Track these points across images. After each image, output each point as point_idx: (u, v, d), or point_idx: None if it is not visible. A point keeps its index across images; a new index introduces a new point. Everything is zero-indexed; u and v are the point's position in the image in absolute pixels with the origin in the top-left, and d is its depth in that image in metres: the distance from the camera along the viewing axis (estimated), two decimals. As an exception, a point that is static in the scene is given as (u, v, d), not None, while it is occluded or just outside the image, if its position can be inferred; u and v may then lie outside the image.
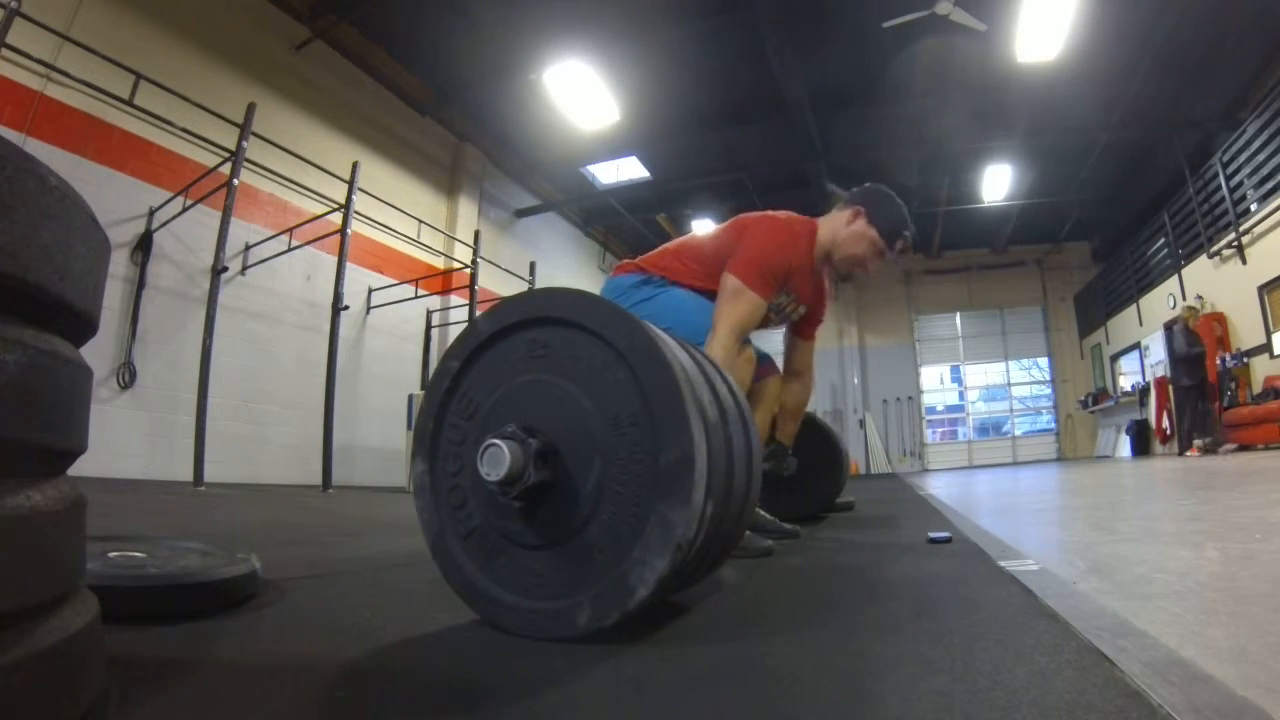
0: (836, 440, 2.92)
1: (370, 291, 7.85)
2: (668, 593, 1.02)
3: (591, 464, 0.96)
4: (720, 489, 1.00)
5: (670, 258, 2.21)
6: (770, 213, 2.19)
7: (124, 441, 5.17)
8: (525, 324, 1.05)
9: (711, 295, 2.08)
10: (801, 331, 2.44)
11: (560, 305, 1.02)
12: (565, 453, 0.98)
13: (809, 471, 2.66)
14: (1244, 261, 8.26)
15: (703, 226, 11.99)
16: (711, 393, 1.06)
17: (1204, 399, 7.79)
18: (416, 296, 8.16)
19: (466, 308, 8.41)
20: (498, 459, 0.93)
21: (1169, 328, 8.56)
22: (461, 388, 1.10)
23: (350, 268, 6.18)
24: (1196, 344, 7.84)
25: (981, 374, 15.63)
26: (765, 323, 2.25)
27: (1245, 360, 8.23)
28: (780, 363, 2.47)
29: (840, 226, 2.17)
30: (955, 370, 15.75)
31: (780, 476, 2.42)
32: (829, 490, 2.89)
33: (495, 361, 1.07)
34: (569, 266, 12.14)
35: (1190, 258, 9.63)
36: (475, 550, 1.05)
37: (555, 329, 1.03)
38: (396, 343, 8.23)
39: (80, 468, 0.56)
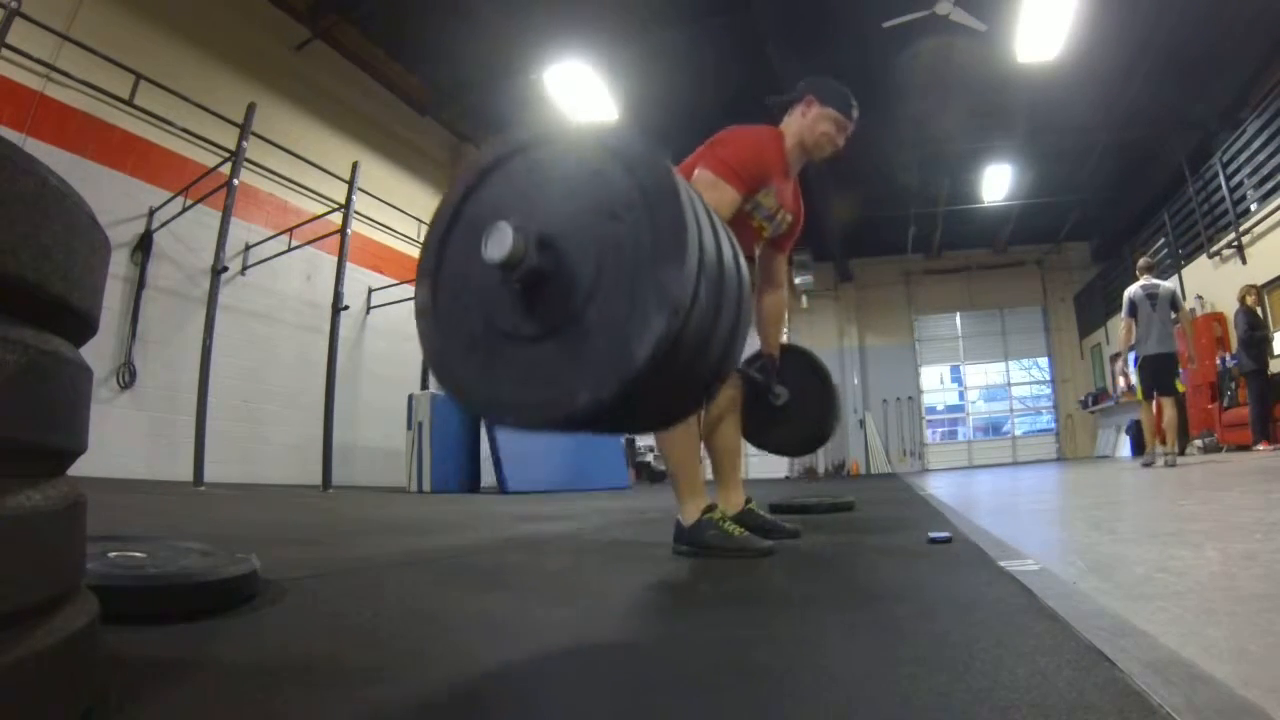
0: (825, 370, 2.93)
1: (370, 291, 7.86)
2: (667, 377, 1.04)
3: (589, 251, 1.01)
4: (712, 275, 1.04)
5: None
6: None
7: (124, 441, 5.17)
8: (524, 148, 1.12)
9: None
10: (779, 245, 2.49)
11: (558, 129, 1.11)
12: (564, 243, 1.02)
13: (801, 401, 2.67)
14: (1244, 261, 8.26)
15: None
16: (702, 206, 1.12)
17: (1269, 389, 7.12)
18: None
19: (466, 308, 8.41)
20: (501, 239, 0.97)
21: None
22: (464, 215, 1.16)
23: (350, 268, 6.19)
24: (1259, 326, 7.33)
25: (981, 374, 15.63)
26: (760, 235, 2.27)
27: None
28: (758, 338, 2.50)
29: (800, 119, 2.29)
30: (955, 370, 15.75)
31: (772, 405, 2.46)
32: (822, 418, 2.88)
33: (497, 186, 1.13)
34: (569, 266, 12.12)
35: (1190, 258, 9.63)
36: (476, 359, 1.08)
37: (554, 148, 1.10)
38: (396, 343, 8.23)
39: (80, 468, 0.57)
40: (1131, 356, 6.28)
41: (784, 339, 2.62)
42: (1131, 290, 6.24)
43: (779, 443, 2.69)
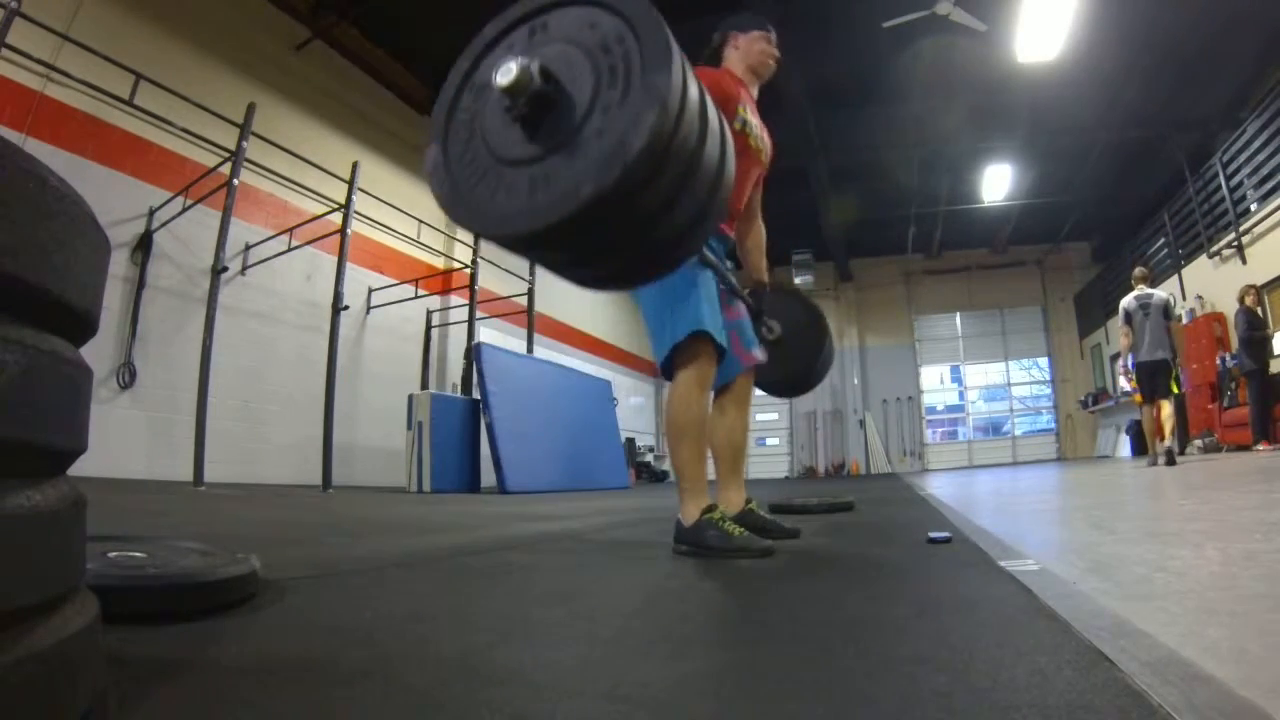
0: (818, 309, 2.98)
1: (370, 291, 7.85)
2: (661, 186, 1.11)
3: (586, 79, 1.10)
4: (694, 105, 1.13)
5: None
6: None
7: (124, 441, 5.17)
8: (526, 18, 1.21)
9: None
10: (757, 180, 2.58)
11: None
12: (564, 75, 1.12)
13: (795, 338, 2.71)
14: (1244, 261, 8.26)
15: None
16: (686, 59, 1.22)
17: (1269, 389, 7.11)
18: (416, 296, 8.16)
19: (466, 307, 8.42)
20: (508, 68, 1.07)
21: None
22: (471, 82, 1.26)
23: (350, 268, 6.19)
24: (1259, 326, 7.33)
25: (981, 374, 15.64)
26: (759, 159, 2.34)
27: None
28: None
29: (735, 53, 2.46)
30: (955, 370, 15.76)
31: (766, 340, 2.52)
32: (815, 354, 2.91)
33: (502, 54, 1.21)
34: (569, 266, 12.11)
35: (1190, 258, 9.63)
36: (486, 187, 1.16)
37: (551, 13, 1.19)
38: (396, 343, 8.23)
39: (80, 468, 0.56)
40: (1130, 361, 6.66)
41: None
42: (1125, 300, 6.75)
43: (773, 380, 2.73)
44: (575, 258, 1.31)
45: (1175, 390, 6.63)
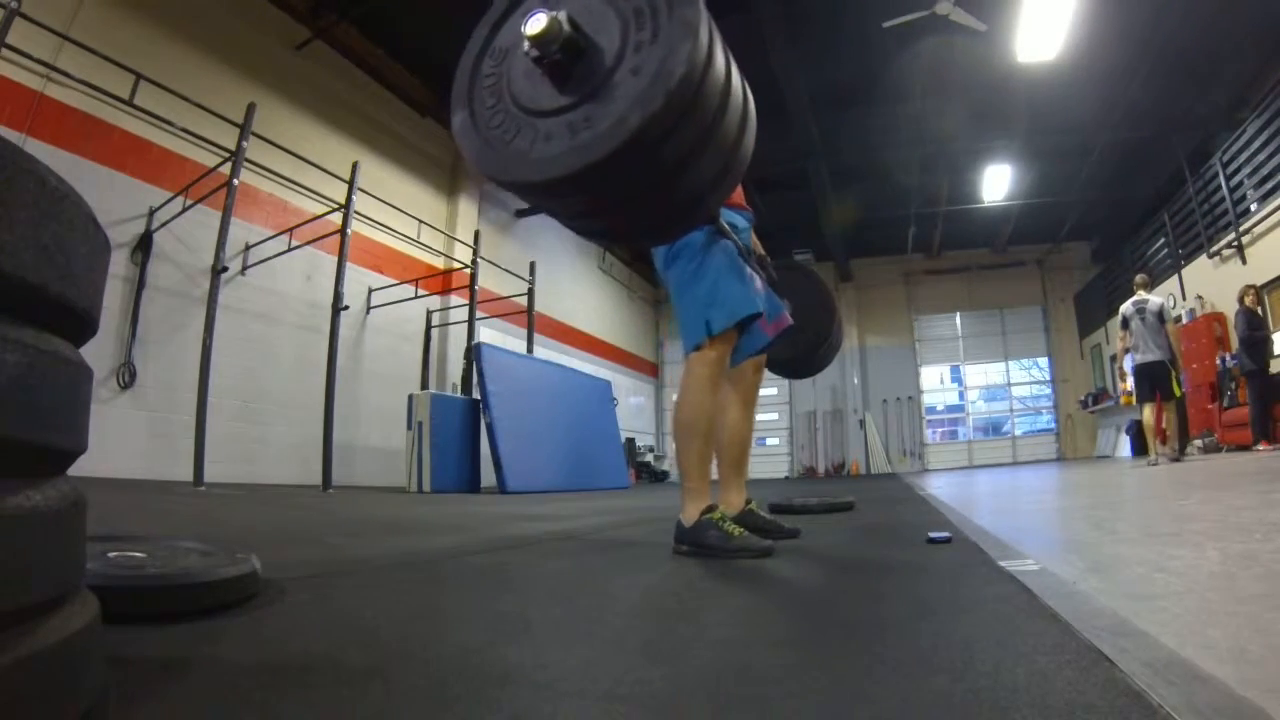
0: (828, 289, 3.01)
1: (370, 291, 7.85)
2: (697, 122, 1.13)
3: (613, 26, 1.14)
4: (721, 55, 1.16)
5: None
6: None
7: (124, 441, 5.17)
8: None
9: None
10: None
11: None
12: (590, 25, 1.15)
13: (803, 315, 2.72)
14: (1244, 261, 8.26)
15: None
16: None
17: (1269, 389, 7.13)
18: (416, 296, 8.16)
19: (466, 308, 8.41)
20: (538, 18, 1.10)
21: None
22: (491, 47, 1.29)
23: (350, 268, 6.19)
24: (1259, 326, 7.34)
25: (981, 374, 15.63)
26: None
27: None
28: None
29: None
30: (955, 370, 15.75)
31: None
32: (823, 331, 2.92)
33: (518, 21, 1.23)
34: (569, 266, 12.14)
35: (1190, 258, 9.63)
36: (525, 140, 1.19)
37: None
38: (396, 343, 8.23)
39: (80, 468, 0.56)
40: (1129, 364, 6.97)
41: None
42: (1124, 306, 7.09)
43: (781, 359, 2.73)
44: (599, 206, 1.32)
45: (1177, 393, 6.75)
